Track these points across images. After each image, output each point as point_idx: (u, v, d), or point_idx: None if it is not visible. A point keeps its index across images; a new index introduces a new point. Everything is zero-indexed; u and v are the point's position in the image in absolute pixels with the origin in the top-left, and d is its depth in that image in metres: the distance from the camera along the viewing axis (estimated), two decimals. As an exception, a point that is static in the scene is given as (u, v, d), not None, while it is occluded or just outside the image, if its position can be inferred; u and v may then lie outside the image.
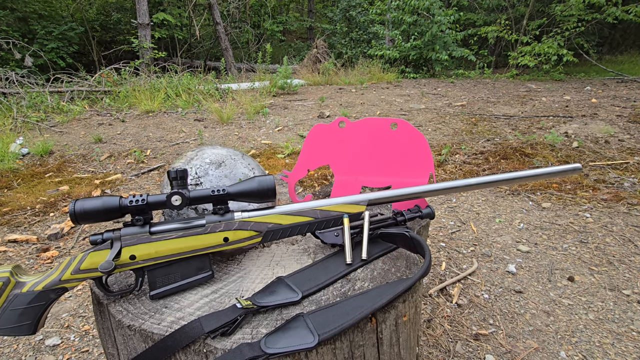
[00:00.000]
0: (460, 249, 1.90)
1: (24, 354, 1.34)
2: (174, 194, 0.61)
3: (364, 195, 0.70)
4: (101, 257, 0.60)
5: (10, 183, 2.83)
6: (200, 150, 0.83)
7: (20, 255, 1.92)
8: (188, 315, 0.59)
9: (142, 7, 7.85)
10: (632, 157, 2.84)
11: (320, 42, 9.19)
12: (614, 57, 9.50)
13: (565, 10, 7.40)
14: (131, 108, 5.41)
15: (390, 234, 0.74)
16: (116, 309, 0.62)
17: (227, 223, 0.65)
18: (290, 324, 0.56)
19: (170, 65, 7.12)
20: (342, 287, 0.65)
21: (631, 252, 1.78)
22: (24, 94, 5.28)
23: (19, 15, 8.68)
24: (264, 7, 12.86)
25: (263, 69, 7.81)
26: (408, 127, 0.89)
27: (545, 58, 7.12)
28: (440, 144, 3.43)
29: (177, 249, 0.63)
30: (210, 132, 4.14)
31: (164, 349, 0.55)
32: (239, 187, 0.65)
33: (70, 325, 1.47)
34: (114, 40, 10.67)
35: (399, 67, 8.61)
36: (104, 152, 3.54)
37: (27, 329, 0.59)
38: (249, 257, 0.76)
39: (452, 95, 5.84)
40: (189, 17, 10.28)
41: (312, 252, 0.76)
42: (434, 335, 1.35)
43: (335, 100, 5.65)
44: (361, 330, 0.58)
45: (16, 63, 7.34)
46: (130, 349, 0.61)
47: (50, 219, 2.30)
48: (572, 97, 5.12)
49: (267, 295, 0.62)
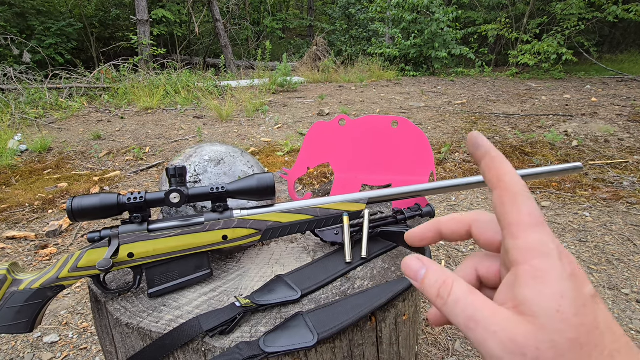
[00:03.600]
0: (459, 247, 1.90)
1: (22, 351, 1.34)
2: (172, 192, 0.60)
3: (364, 194, 0.70)
4: (99, 255, 0.59)
5: (9, 180, 2.82)
6: (199, 147, 0.82)
7: (19, 253, 1.91)
8: (186, 313, 0.59)
9: (141, 4, 7.81)
10: (631, 156, 2.84)
11: (320, 39, 9.17)
12: (614, 56, 9.49)
13: (565, 9, 7.38)
14: (130, 105, 5.39)
15: (390, 232, 0.73)
16: (114, 306, 0.62)
17: (226, 221, 0.64)
18: (290, 322, 0.55)
19: (170, 62, 7.10)
20: (341, 285, 0.64)
21: (630, 251, 1.79)
22: (22, 90, 5.26)
23: (17, 11, 8.64)
24: (263, 4, 12.82)
25: (262, 67, 7.79)
26: (409, 125, 0.88)
27: (545, 57, 7.11)
28: (440, 142, 3.43)
29: (176, 246, 0.62)
30: (210, 129, 4.13)
31: (162, 347, 0.54)
32: (238, 185, 0.65)
33: (69, 323, 1.47)
34: (112, 36, 10.63)
35: (398, 65, 8.59)
36: (102, 149, 3.53)
37: (25, 326, 0.59)
38: (248, 256, 0.76)
39: (452, 93, 5.83)
40: (188, 13, 10.23)
41: (311, 251, 0.76)
42: (433, 333, 1.35)
43: (335, 98, 5.63)
44: (361, 329, 0.58)
45: (14, 59, 7.31)
46: (128, 347, 0.60)
47: (49, 216, 2.29)
48: (572, 96, 5.12)
49: (266, 293, 0.61)
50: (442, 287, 0.24)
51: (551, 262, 0.21)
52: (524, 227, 0.23)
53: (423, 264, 0.26)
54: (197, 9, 11.28)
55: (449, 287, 0.24)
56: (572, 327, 0.20)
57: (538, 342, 0.20)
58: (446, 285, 0.24)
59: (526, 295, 0.21)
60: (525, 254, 0.22)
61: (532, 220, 0.23)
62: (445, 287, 0.24)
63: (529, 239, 0.22)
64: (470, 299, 0.23)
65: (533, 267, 0.21)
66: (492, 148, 0.26)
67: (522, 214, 0.23)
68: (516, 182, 0.24)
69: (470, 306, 0.22)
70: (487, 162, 0.26)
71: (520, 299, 0.21)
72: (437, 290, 0.24)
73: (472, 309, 0.22)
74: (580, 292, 0.21)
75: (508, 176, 0.24)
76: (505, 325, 0.21)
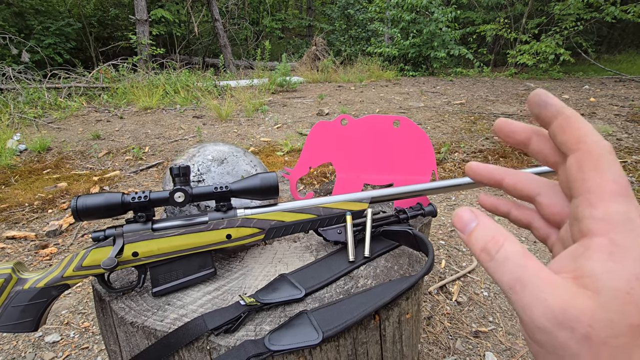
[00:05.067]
0: (459, 246, 1.90)
1: (23, 350, 1.34)
2: (176, 191, 0.61)
3: (366, 193, 0.70)
4: (103, 254, 0.60)
5: (8, 179, 2.81)
6: (202, 147, 0.83)
7: (19, 252, 1.91)
8: (191, 312, 0.59)
9: (140, 3, 7.80)
10: (629, 156, 2.85)
11: (319, 39, 9.17)
12: (612, 56, 9.52)
13: (564, 9, 7.41)
14: (129, 105, 5.38)
15: (392, 231, 0.73)
16: (118, 305, 0.62)
17: (229, 220, 0.64)
18: (294, 321, 0.55)
19: (169, 62, 7.09)
20: (345, 284, 0.65)
21: (629, 250, 1.79)
22: (21, 89, 5.24)
23: (16, 10, 8.61)
24: (262, 3, 12.81)
25: (262, 66, 7.79)
26: (411, 125, 0.89)
27: (543, 57, 7.13)
28: (439, 142, 3.43)
29: (180, 245, 0.62)
30: (209, 129, 4.13)
31: (167, 345, 0.55)
32: (241, 184, 0.65)
33: (70, 322, 1.47)
34: (111, 36, 10.61)
35: (398, 65, 8.60)
36: (102, 148, 3.52)
37: (29, 325, 0.59)
38: (251, 255, 0.76)
39: (451, 93, 5.84)
40: (188, 13, 10.22)
41: (314, 250, 0.76)
42: (434, 332, 1.35)
43: (335, 98, 5.64)
44: (365, 328, 0.58)
45: (13, 59, 7.28)
46: (132, 345, 0.60)
47: (49, 216, 2.29)
48: (571, 96, 5.13)
49: (270, 292, 0.61)
50: (490, 241, 0.22)
51: (633, 238, 0.19)
52: (607, 195, 0.20)
53: (476, 217, 0.24)
54: (196, 8, 11.26)
55: (499, 244, 0.22)
56: (637, 313, 0.17)
57: (593, 320, 0.18)
58: (495, 241, 0.22)
59: (595, 269, 0.19)
60: (604, 226, 0.20)
61: (616, 189, 0.20)
62: (494, 243, 0.22)
63: (610, 209, 0.20)
64: (522, 260, 0.21)
65: (611, 242, 0.19)
66: (565, 106, 0.23)
67: (606, 180, 0.20)
68: (601, 143, 0.21)
69: (520, 267, 0.20)
70: (561, 122, 0.23)
71: (585, 271, 0.19)
72: (484, 244, 0.22)
73: (522, 270, 0.20)
74: None
75: (590, 136, 0.21)
76: (560, 294, 0.19)
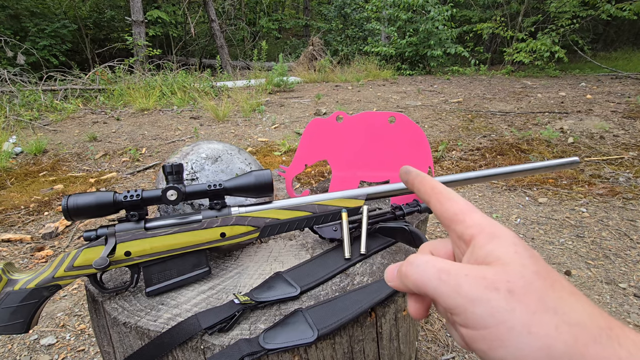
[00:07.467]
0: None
1: (18, 353, 1.32)
2: (169, 189, 0.60)
3: (362, 190, 0.69)
4: (95, 254, 0.59)
5: (4, 182, 2.80)
6: (196, 145, 0.82)
7: (14, 255, 1.89)
8: (185, 311, 0.58)
9: (136, 5, 7.77)
10: (626, 152, 2.86)
11: (316, 39, 9.17)
12: (608, 54, 9.56)
13: (559, 7, 7.43)
14: (126, 106, 5.36)
15: (389, 228, 0.73)
16: (111, 306, 0.61)
17: (224, 218, 0.64)
18: (289, 319, 0.55)
19: (165, 63, 7.06)
20: (341, 281, 0.64)
21: (627, 245, 1.80)
22: (17, 92, 5.21)
23: (11, 12, 8.57)
24: (259, 4, 12.79)
25: (259, 67, 7.77)
26: (406, 121, 0.88)
27: (538, 55, 7.15)
28: (436, 140, 3.43)
29: (173, 244, 0.62)
30: (206, 129, 4.12)
31: (160, 345, 0.54)
32: (236, 182, 0.64)
33: (66, 325, 1.46)
34: (107, 37, 10.57)
35: (395, 64, 8.60)
36: (98, 150, 3.50)
37: (20, 327, 0.58)
38: (247, 253, 0.75)
39: (448, 92, 5.84)
40: (184, 14, 10.20)
41: (310, 247, 0.76)
42: (432, 330, 1.35)
43: (332, 98, 5.63)
44: (361, 325, 0.58)
45: (8, 61, 7.25)
46: (126, 346, 0.60)
47: (45, 218, 2.28)
48: (568, 94, 5.14)
49: (265, 290, 0.61)
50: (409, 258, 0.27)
51: (501, 228, 0.26)
52: (467, 212, 0.27)
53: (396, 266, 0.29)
54: (193, 9, 11.25)
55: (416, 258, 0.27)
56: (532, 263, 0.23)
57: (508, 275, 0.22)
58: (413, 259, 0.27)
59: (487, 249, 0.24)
60: (478, 228, 0.26)
61: (470, 207, 0.28)
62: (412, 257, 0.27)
63: (474, 218, 0.27)
64: (437, 259, 0.26)
65: (489, 233, 0.25)
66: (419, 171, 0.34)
67: (460, 204, 0.28)
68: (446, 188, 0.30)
69: (439, 261, 0.25)
70: (420, 180, 0.32)
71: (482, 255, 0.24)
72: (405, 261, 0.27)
73: (442, 263, 0.25)
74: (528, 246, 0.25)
75: (438, 185, 0.31)
76: (475, 269, 0.23)
